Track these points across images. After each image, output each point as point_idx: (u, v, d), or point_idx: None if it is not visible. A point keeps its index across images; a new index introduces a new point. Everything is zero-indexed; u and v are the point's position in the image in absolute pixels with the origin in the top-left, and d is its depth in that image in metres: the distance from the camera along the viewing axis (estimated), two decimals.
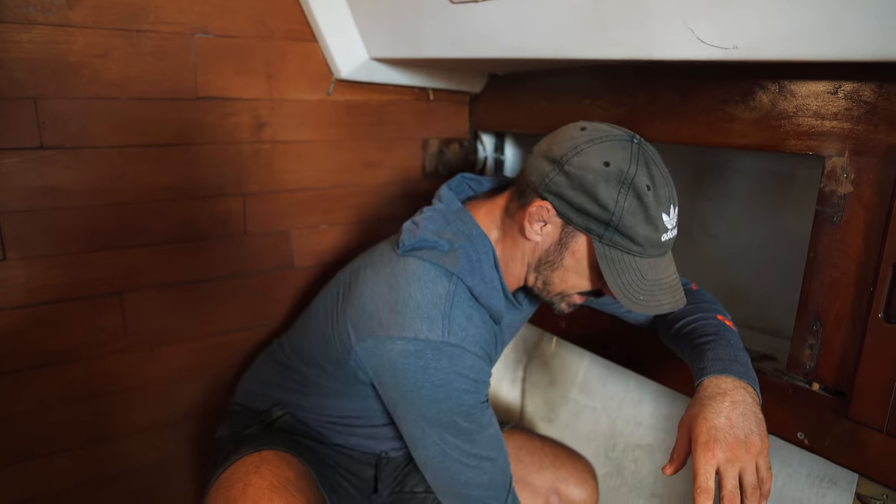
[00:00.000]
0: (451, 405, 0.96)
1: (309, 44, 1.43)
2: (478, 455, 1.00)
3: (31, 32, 1.14)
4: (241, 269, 1.46)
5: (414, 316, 0.95)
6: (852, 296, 0.98)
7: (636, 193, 0.88)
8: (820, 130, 0.98)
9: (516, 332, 1.21)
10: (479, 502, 1.02)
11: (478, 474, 1.01)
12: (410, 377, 0.95)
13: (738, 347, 0.97)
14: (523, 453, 1.34)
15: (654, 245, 0.91)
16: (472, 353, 0.97)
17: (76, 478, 1.36)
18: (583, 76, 1.37)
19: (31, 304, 1.23)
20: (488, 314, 1.03)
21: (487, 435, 1.01)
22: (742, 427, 0.82)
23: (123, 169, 1.27)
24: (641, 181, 0.88)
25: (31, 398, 1.27)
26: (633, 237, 0.89)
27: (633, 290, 0.91)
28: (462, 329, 0.97)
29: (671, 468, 0.87)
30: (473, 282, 0.99)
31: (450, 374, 0.95)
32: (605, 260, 0.92)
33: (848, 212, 0.96)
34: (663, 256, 0.94)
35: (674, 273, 0.96)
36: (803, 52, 0.80)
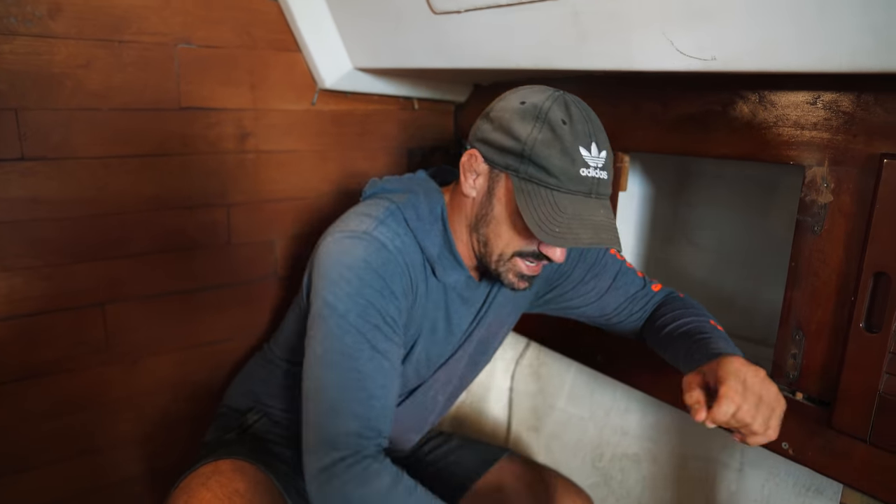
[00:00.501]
0: (352, 291, 0.92)
1: (293, 54, 1.43)
2: (356, 370, 0.92)
3: (13, 43, 1.13)
4: (226, 279, 1.45)
5: (349, 219, 1.01)
6: (834, 305, 0.98)
7: (550, 126, 0.88)
8: (800, 140, 0.99)
9: (481, 318, 1.14)
10: (328, 419, 0.92)
11: (346, 392, 0.92)
12: (330, 260, 0.96)
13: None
14: (520, 484, 1.28)
15: (572, 179, 0.88)
16: (392, 255, 0.96)
17: (61, 491, 1.34)
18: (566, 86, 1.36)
19: (12, 317, 1.22)
20: (423, 254, 1.02)
21: (374, 365, 0.93)
22: (767, 386, 0.81)
23: (106, 180, 1.26)
24: (556, 115, 0.89)
25: (14, 412, 1.26)
26: (548, 168, 0.88)
27: (548, 223, 0.87)
28: (390, 232, 0.98)
29: (700, 415, 0.79)
30: (410, 215, 1.01)
31: (362, 262, 0.94)
32: (521, 194, 0.90)
33: (828, 221, 0.97)
34: (588, 197, 0.90)
35: (603, 218, 0.90)
36: (779, 63, 0.80)
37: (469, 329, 1.15)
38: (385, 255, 0.96)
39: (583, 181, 0.89)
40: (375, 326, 0.93)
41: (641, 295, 1.16)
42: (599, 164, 0.90)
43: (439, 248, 1.02)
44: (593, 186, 0.90)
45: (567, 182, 0.88)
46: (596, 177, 0.90)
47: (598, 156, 0.90)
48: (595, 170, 0.90)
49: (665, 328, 1.07)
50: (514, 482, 1.28)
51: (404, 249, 0.98)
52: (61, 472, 1.34)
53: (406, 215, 1.01)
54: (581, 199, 0.90)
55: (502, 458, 1.32)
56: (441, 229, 1.03)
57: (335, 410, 0.90)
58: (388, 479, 0.89)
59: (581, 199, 0.90)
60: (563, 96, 0.92)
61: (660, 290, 1.17)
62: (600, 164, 0.90)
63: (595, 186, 0.90)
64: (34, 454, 1.30)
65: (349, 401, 0.91)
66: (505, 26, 1.08)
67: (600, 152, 0.90)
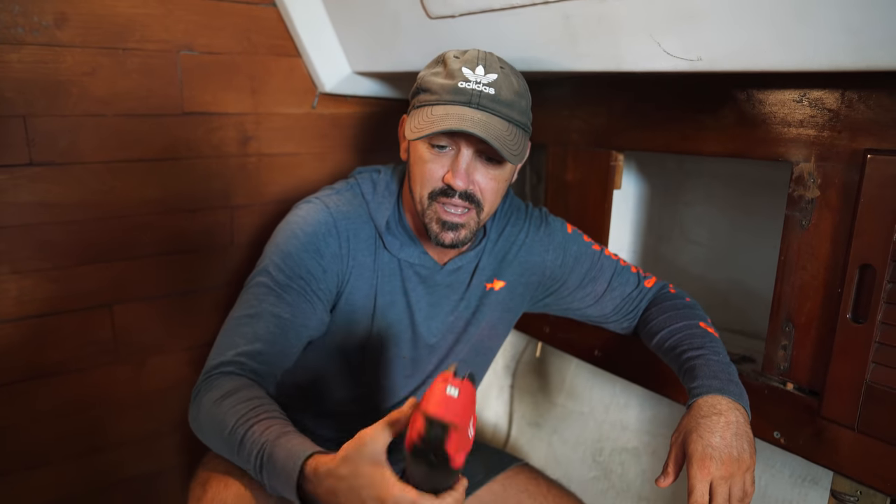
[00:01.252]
0: (279, 242, 1.01)
1: (293, 59, 1.46)
2: (255, 311, 0.97)
3: (21, 52, 1.16)
4: (231, 280, 1.48)
5: (318, 191, 1.10)
6: (822, 297, 1.00)
7: (443, 60, 0.96)
8: (787, 137, 1.01)
9: (467, 316, 1.14)
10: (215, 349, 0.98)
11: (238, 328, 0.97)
12: (282, 220, 1.06)
13: (727, 362, 0.99)
14: (524, 497, 1.25)
15: (449, 91, 0.92)
16: (330, 218, 1.01)
17: (71, 488, 1.37)
18: (561, 88, 1.40)
19: (22, 318, 1.25)
20: (374, 226, 1.05)
21: (271, 310, 0.97)
22: (735, 446, 0.86)
23: (112, 184, 1.30)
24: (451, 54, 0.96)
25: (24, 410, 1.29)
26: (430, 88, 0.94)
27: (419, 127, 0.91)
28: (340, 201, 1.04)
29: (665, 481, 0.89)
30: (366, 188, 1.07)
31: (300, 219, 1.02)
32: (409, 120, 0.96)
33: (816, 216, 0.99)
34: (467, 106, 0.91)
35: (481, 117, 0.90)
36: (761, 63, 0.83)
37: (450, 323, 1.14)
38: (322, 216, 1.01)
39: (460, 91, 0.92)
40: (287, 277, 0.98)
41: (636, 293, 1.18)
42: (483, 81, 0.92)
43: (388, 219, 1.06)
44: (473, 97, 0.91)
45: (444, 94, 0.92)
46: (477, 89, 0.92)
47: (484, 76, 0.93)
48: (477, 84, 0.92)
49: (655, 336, 1.09)
50: (518, 494, 1.26)
51: (350, 217, 1.03)
52: (71, 469, 1.37)
53: (363, 189, 1.07)
54: (458, 107, 0.91)
55: (509, 468, 1.30)
56: (394, 203, 1.06)
57: (222, 343, 0.97)
58: (227, 386, 0.90)
59: (458, 107, 0.91)
60: (473, 50, 0.97)
61: (653, 286, 1.19)
62: (485, 81, 0.92)
63: (476, 98, 0.91)
64: (45, 451, 1.33)
65: (235, 335, 0.96)
66: (498, 30, 1.10)
67: (487, 73, 0.93)
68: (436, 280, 1.10)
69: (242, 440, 0.83)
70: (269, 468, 0.80)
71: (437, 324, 1.13)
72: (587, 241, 1.20)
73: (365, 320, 1.08)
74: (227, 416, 0.86)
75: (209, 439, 0.92)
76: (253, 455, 0.81)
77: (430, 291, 1.11)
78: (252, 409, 0.86)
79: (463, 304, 1.14)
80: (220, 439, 0.87)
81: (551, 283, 1.19)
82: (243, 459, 0.84)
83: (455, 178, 0.93)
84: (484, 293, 1.15)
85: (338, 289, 1.04)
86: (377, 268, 1.06)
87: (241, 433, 0.83)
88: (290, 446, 0.79)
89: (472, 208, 0.97)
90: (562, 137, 1.43)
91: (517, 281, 1.17)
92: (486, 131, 0.89)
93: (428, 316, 1.12)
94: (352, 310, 1.06)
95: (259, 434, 0.82)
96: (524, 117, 0.97)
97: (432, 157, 0.95)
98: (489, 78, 0.93)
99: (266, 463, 0.80)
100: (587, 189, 1.39)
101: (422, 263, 1.08)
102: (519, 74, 0.99)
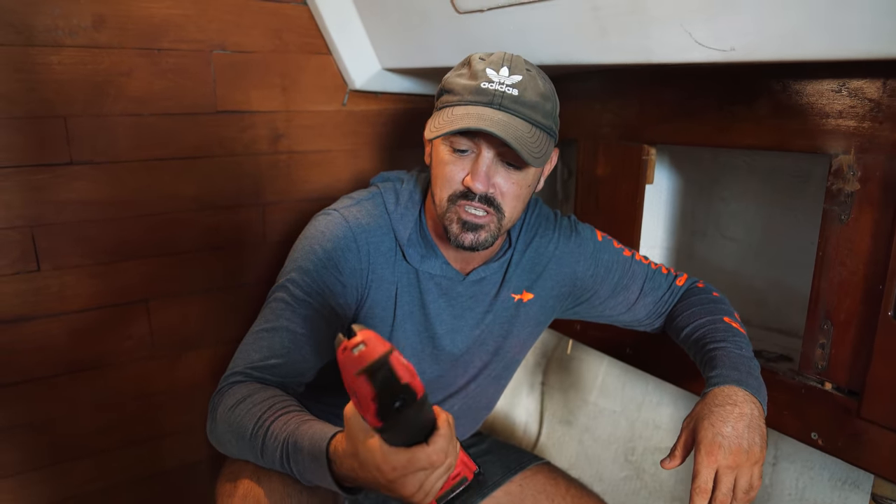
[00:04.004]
0: (297, 257, 1.00)
1: (323, 56, 1.47)
2: (272, 325, 0.97)
3: (60, 55, 1.20)
4: (262, 276, 1.50)
5: (338, 200, 1.08)
6: (862, 294, 0.97)
7: (468, 62, 0.95)
8: (825, 129, 0.98)
9: (495, 330, 1.12)
10: (235, 358, 0.98)
11: (256, 342, 0.97)
12: (302, 232, 1.05)
13: (749, 356, 0.97)
14: (542, 497, 1.23)
15: (471, 91, 0.90)
16: (348, 231, 0.99)
17: (106, 480, 1.41)
18: (592, 81, 1.39)
19: (63, 313, 1.29)
20: (395, 238, 1.03)
21: (288, 325, 0.97)
22: (746, 438, 0.85)
23: (148, 182, 1.32)
24: (476, 56, 0.94)
25: (64, 404, 1.33)
26: (453, 89, 0.93)
27: (437, 125, 0.91)
28: (360, 212, 1.02)
29: (671, 463, 0.89)
30: (389, 199, 1.05)
31: (318, 233, 1.01)
32: (430, 121, 0.95)
33: (856, 210, 0.96)
34: (488, 106, 0.90)
35: (501, 117, 0.89)
36: (797, 51, 0.80)
37: (476, 337, 1.11)
38: (341, 230, 1.00)
39: (482, 92, 0.90)
40: (305, 293, 0.97)
41: (668, 295, 1.16)
42: (506, 81, 0.91)
43: (410, 231, 1.04)
44: (495, 97, 0.90)
45: (466, 94, 0.91)
46: (499, 90, 0.90)
47: (509, 76, 0.91)
48: (499, 84, 0.90)
49: (682, 331, 1.07)
50: (536, 494, 1.24)
51: (370, 230, 1.01)
52: (112, 460, 1.41)
53: (385, 199, 1.05)
54: (479, 108, 0.90)
55: (529, 467, 1.28)
56: (417, 215, 1.05)
57: (238, 357, 0.97)
58: (241, 393, 0.90)
59: (479, 108, 0.90)
60: (499, 52, 0.95)
61: (684, 283, 1.17)
62: (507, 81, 0.90)
63: (498, 98, 0.90)
64: (86, 443, 1.37)
65: (251, 349, 0.97)
66: (527, 23, 1.09)
67: (511, 75, 0.91)
68: (458, 291, 1.08)
69: (264, 440, 0.83)
70: (296, 460, 0.80)
71: (461, 337, 1.10)
72: (618, 247, 1.17)
73: (384, 333, 1.06)
74: (244, 419, 0.86)
75: (230, 448, 0.92)
76: (277, 452, 0.82)
77: (452, 303, 1.08)
78: (269, 407, 0.86)
79: (490, 316, 1.11)
80: (242, 444, 0.87)
81: (582, 293, 1.17)
82: (269, 459, 0.84)
83: (474, 180, 0.91)
84: (513, 305, 1.12)
85: (357, 303, 1.03)
86: (396, 280, 1.04)
87: (262, 433, 0.84)
88: (311, 433, 0.79)
89: (493, 212, 0.95)
90: (592, 131, 1.41)
91: (548, 294, 1.14)
92: (506, 131, 0.86)
93: (452, 329, 1.09)
94: (371, 324, 1.04)
95: (280, 429, 0.82)
96: (549, 120, 0.94)
97: (453, 159, 0.94)
98: (513, 79, 0.91)
99: (292, 455, 0.80)
100: (618, 184, 1.37)
101: (443, 274, 1.06)
102: (546, 78, 0.97)
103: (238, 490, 0.90)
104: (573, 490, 1.25)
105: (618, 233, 1.25)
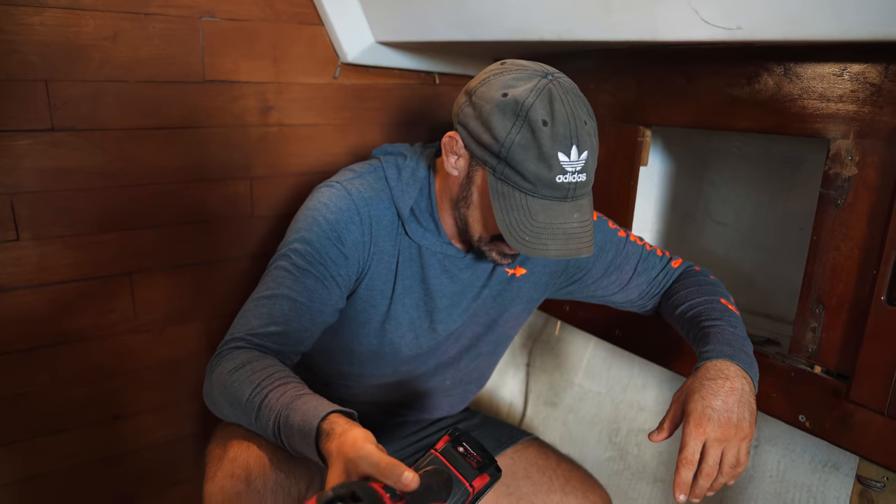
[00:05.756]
0: (301, 227, 1.01)
1: (315, 27, 1.43)
2: (273, 293, 0.97)
3: (43, 15, 1.15)
4: (249, 250, 1.47)
5: (339, 173, 1.08)
6: (855, 279, 0.98)
7: (530, 127, 0.86)
8: (825, 113, 0.98)
9: (487, 304, 1.14)
10: (235, 324, 0.99)
11: (256, 309, 0.98)
12: (303, 203, 1.05)
13: (743, 335, 0.97)
14: (533, 470, 1.26)
15: (547, 185, 0.87)
16: (352, 204, 1.00)
17: (89, 454, 1.39)
18: (589, 60, 1.37)
19: (44, 284, 1.25)
20: (396, 212, 1.03)
21: (288, 294, 0.97)
22: (736, 412, 0.85)
23: (132, 151, 1.28)
24: (537, 114, 0.86)
25: (46, 376, 1.30)
26: (523, 173, 0.87)
27: (519, 230, 0.88)
28: (362, 185, 1.02)
29: (659, 436, 0.89)
30: (391, 173, 1.04)
31: (321, 205, 1.01)
32: (496, 194, 0.90)
33: (852, 194, 0.96)
34: (563, 201, 0.89)
35: (576, 222, 0.90)
36: (806, 32, 0.80)
37: (473, 312, 1.13)
38: (345, 202, 1.00)
39: (558, 188, 0.88)
40: (307, 262, 0.98)
41: (661, 275, 1.16)
42: (578, 168, 0.88)
43: (412, 206, 1.04)
44: (569, 191, 0.89)
45: (542, 188, 0.88)
46: (573, 181, 0.88)
47: (578, 159, 0.88)
48: (573, 174, 0.88)
49: (677, 309, 1.08)
50: (527, 467, 1.26)
51: (371, 202, 1.02)
52: (93, 435, 1.38)
53: (387, 173, 1.04)
54: (556, 203, 0.89)
55: (520, 441, 1.31)
56: (418, 191, 1.04)
57: (238, 322, 0.98)
58: (241, 358, 0.91)
59: (556, 203, 0.89)
60: (548, 87, 0.88)
61: (679, 266, 1.17)
62: (579, 167, 0.88)
63: (572, 191, 0.89)
64: (66, 418, 1.34)
65: (251, 315, 0.97)
66: None
67: (580, 154, 0.88)
68: (459, 268, 1.09)
69: (259, 408, 0.84)
70: (286, 432, 0.80)
71: (458, 311, 1.12)
72: (612, 227, 1.18)
73: (383, 305, 1.07)
74: (242, 385, 0.87)
75: (224, 411, 0.92)
76: (271, 421, 0.82)
77: (454, 280, 1.10)
78: (267, 376, 0.86)
79: (486, 291, 1.13)
80: (236, 409, 0.88)
81: (575, 271, 1.17)
82: (262, 427, 0.85)
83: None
84: (506, 279, 1.14)
85: (358, 275, 1.04)
86: (398, 253, 1.05)
87: (258, 401, 0.84)
88: (305, 409, 0.79)
89: None
90: None
91: (541, 271, 1.16)
92: (581, 241, 0.90)
93: (451, 304, 1.11)
94: (370, 295, 1.06)
95: (276, 400, 0.83)
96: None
97: None
98: (582, 160, 0.88)
99: (283, 427, 0.81)
100: (613, 165, 1.36)
101: (444, 252, 1.07)
102: (596, 125, 0.93)
103: (227, 454, 0.90)
104: (563, 464, 1.29)
105: (611, 214, 1.25)
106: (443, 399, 1.26)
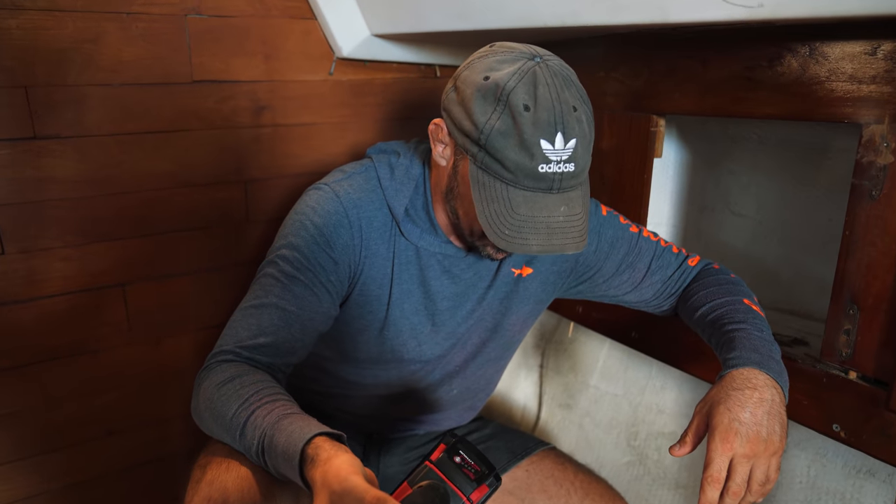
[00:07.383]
0: (288, 233, 0.97)
1: (308, 21, 1.37)
2: (261, 302, 0.93)
3: (19, 18, 1.10)
4: (245, 257, 1.43)
5: (329, 174, 1.04)
6: (893, 277, 0.90)
7: (510, 112, 0.80)
8: (856, 96, 0.90)
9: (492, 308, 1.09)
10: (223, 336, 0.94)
11: (244, 319, 0.93)
12: (293, 208, 1.01)
13: (770, 340, 0.91)
14: (550, 483, 1.20)
15: (529, 175, 0.81)
16: (340, 207, 0.95)
17: (84, 473, 1.35)
18: (597, 47, 1.30)
19: (33, 299, 1.21)
20: (391, 213, 0.99)
21: (277, 303, 0.92)
22: (766, 425, 0.79)
23: (120, 157, 1.24)
24: (518, 98, 0.79)
25: (38, 394, 1.26)
26: (503, 161, 0.81)
27: (498, 223, 0.82)
28: (352, 187, 0.98)
29: (681, 450, 0.82)
30: (383, 172, 1.00)
31: (309, 209, 0.97)
32: (476, 185, 0.84)
33: (888, 185, 0.88)
34: (548, 193, 0.83)
35: (562, 216, 0.83)
36: (835, 7, 0.72)
37: (479, 315, 1.08)
38: (332, 205, 0.95)
39: (541, 178, 0.81)
40: (296, 269, 0.93)
41: (678, 274, 1.10)
42: (564, 157, 0.81)
43: (407, 207, 0.98)
44: (555, 182, 0.82)
45: (523, 178, 0.81)
46: (558, 171, 0.81)
47: (564, 148, 0.81)
48: (558, 164, 0.81)
49: (697, 311, 1.01)
50: (543, 480, 1.21)
51: (362, 204, 0.97)
52: (88, 452, 1.34)
53: (380, 173, 1.00)
54: (539, 195, 0.83)
55: (535, 452, 1.25)
56: (413, 189, 0.99)
57: (226, 334, 0.93)
58: (229, 372, 0.86)
59: (539, 195, 0.83)
60: (533, 70, 0.82)
61: (696, 264, 1.10)
62: (565, 156, 0.81)
63: (557, 182, 0.82)
64: (61, 435, 1.30)
65: (239, 326, 0.93)
66: None
67: (567, 143, 0.81)
68: (460, 268, 1.04)
69: (244, 426, 0.80)
70: (270, 454, 0.76)
71: (462, 313, 1.07)
72: (624, 223, 1.11)
73: (380, 311, 1.02)
74: (229, 400, 0.82)
75: (210, 426, 0.88)
76: (255, 441, 0.78)
77: (455, 281, 1.04)
78: (256, 391, 0.82)
79: (491, 292, 1.07)
80: (221, 425, 0.84)
81: (585, 270, 1.11)
82: (245, 447, 0.80)
83: None
84: (512, 279, 1.08)
85: (350, 280, 0.99)
86: (393, 256, 0.99)
87: (244, 419, 0.80)
88: (291, 429, 0.74)
89: None
90: (596, 101, 1.30)
91: (549, 269, 1.10)
92: (566, 236, 0.83)
93: (453, 305, 1.05)
94: (366, 301, 1.01)
95: (262, 419, 0.78)
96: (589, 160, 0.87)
97: None
98: (569, 149, 0.81)
99: (267, 448, 0.76)
100: (624, 157, 1.29)
101: (443, 252, 1.01)
102: (590, 113, 0.86)
103: (206, 476, 0.85)
104: (581, 475, 1.22)
105: (624, 209, 1.19)
106: (450, 409, 1.20)
